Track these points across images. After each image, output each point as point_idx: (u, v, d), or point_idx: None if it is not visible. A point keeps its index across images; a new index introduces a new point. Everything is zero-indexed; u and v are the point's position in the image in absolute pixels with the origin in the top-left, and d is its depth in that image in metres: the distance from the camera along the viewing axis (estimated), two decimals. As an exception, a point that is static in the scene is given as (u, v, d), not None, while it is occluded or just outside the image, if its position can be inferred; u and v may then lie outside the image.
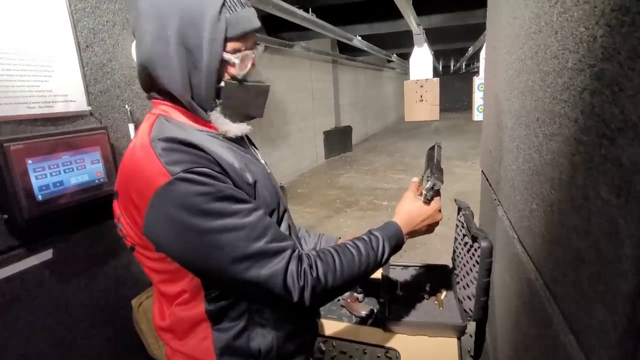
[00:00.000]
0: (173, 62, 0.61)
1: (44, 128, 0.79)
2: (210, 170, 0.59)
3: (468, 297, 1.02)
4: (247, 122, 0.73)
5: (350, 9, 5.01)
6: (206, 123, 0.68)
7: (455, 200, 1.23)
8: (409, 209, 0.82)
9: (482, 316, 0.97)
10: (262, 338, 0.71)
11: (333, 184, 6.09)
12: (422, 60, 5.29)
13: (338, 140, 8.38)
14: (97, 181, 0.86)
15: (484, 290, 0.95)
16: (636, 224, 0.28)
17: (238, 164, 0.66)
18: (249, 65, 0.69)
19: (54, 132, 0.78)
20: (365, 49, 5.97)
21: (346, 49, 7.93)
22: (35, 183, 0.73)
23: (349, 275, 0.68)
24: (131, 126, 0.98)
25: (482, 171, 1.18)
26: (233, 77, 0.67)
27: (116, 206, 0.66)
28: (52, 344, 0.84)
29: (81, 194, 0.82)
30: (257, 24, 0.66)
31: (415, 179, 0.93)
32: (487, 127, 1.12)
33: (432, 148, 1.06)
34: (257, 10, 0.69)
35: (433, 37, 6.27)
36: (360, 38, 5.40)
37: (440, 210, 0.84)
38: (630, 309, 0.30)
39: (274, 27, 5.33)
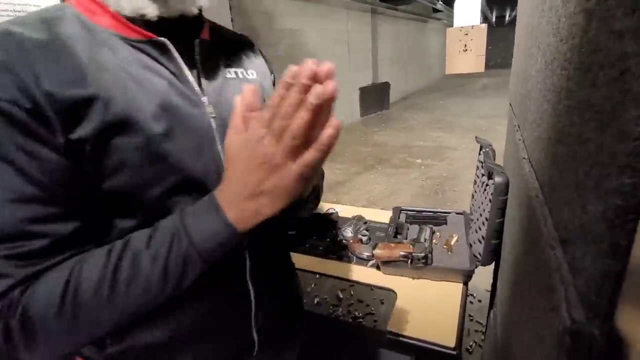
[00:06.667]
0: None
1: None
2: (5, 104, 0.36)
3: (478, 240, 0.92)
4: None
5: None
6: (142, 31, 0.45)
7: (476, 138, 1.09)
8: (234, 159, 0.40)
9: (492, 261, 0.87)
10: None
11: (367, 141, 5.92)
12: (468, 4, 4.79)
13: (375, 97, 8.04)
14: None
15: (496, 232, 0.84)
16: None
17: (129, 92, 0.42)
18: None
19: None
20: (406, -7, 5.48)
21: (387, -3, 7.36)
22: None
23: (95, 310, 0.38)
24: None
25: (510, 104, 1.02)
26: None
27: None
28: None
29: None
30: None
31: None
32: (517, 48, 0.94)
33: None
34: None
35: (484, -23, 5.59)
36: (400, -20, 4.94)
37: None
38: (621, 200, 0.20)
39: (307, -29, 5.01)
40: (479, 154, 1.09)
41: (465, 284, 0.93)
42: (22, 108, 0.36)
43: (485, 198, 0.91)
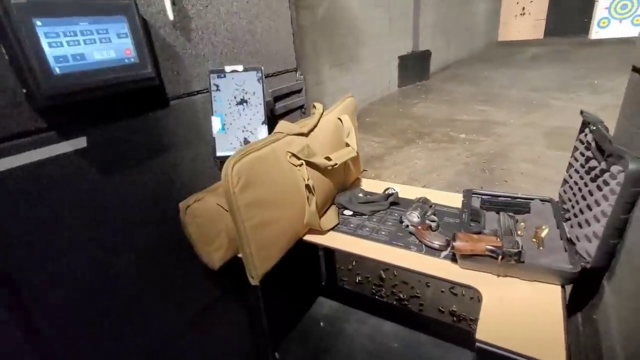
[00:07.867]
0: None
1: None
2: None
3: (586, 237, 0.77)
4: None
5: None
6: None
7: (581, 112, 0.91)
8: None
9: (606, 263, 0.72)
10: None
11: (405, 114, 5.63)
12: (532, -41, 4.29)
13: (414, 66, 7.58)
14: (126, 60, 0.73)
15: (618, 229, 0.68)
16: None
17: None
18: None
19: (67, -10, 0.64)
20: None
21: (434, -45, 6.73)
22: (49, 51, 0.62)
23: None
24: (167, 0, 0.82)
25: (633, 66, 0.82)
26: None
27: None
28: (90, 237, 0.79)
29: (109, 74, 0.70)
30: None
31: None
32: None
33: None
34: None
35: None
36: None
37: None
38: None
39: None
40: (582, 133, 0.91)
41: (563, 287, 0.79)
42: None
43: (598, 189, 0.75)
